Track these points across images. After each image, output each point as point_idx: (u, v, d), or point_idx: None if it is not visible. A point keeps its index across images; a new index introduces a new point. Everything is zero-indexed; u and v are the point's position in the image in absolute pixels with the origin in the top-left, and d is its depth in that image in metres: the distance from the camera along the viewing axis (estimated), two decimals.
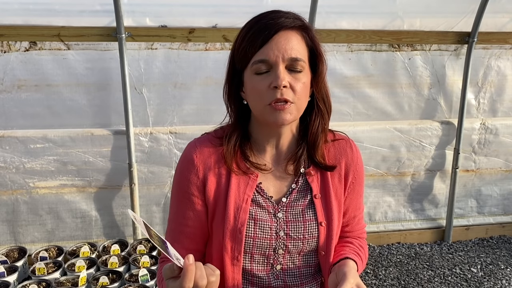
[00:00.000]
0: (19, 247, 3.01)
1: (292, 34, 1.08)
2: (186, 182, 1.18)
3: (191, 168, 1.17)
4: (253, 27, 1.09)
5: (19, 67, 2.86)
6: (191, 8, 2.92)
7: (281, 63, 1.06)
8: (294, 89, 1.07)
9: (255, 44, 1.06)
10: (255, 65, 1.07)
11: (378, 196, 3.48)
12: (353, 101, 3.29)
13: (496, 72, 3.45)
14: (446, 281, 3.10)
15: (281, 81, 1.05)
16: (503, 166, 3.63)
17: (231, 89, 1.17)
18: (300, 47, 1.09)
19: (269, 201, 1.18)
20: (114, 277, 2.75)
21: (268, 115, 1.09)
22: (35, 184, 2.98)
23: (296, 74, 1.08)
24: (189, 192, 1.18)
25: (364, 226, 1.35)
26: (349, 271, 1.06)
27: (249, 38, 1.08)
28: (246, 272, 1.18)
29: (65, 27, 2.77)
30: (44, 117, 2.96)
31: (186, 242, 1.20)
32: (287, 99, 1.06)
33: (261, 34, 1.06)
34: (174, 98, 3.05)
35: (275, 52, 1.05)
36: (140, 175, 3.06)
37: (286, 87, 1.06)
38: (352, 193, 1.26)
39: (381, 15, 3.14)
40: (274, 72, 1.06)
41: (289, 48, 1.06)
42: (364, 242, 1.33)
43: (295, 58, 1.07)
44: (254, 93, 1.10)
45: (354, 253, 1.21)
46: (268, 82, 1.07)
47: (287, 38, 1.07)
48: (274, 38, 1.06)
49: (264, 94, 1.07)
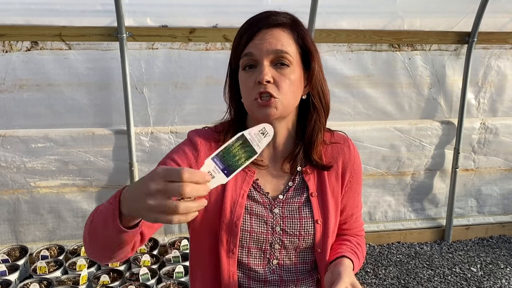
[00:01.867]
0: (20, 246, 3.03)
1: (278, 30, 1.10)
2: (182, 156, 1.17)
3: (192, 150, 1.18)
4: (244, 25, 1.13)
5: (21, 67, 2.87)
6: (192, 8, 2.92)
7: (265, 58, 1.08)
8: (279, 85, 1.09)
9: (242, 40, 1.10)
10: (241, 60, 1.11)
11: (378, 195, 3.49)
12: (353, 101, 3.30)
13: (496, 72, 3.45)
14: (446, 280, 3.11)
15: (263, 75, 1.07)
16: (502, 166, 3.63)
17: (230, 88, 1.20)
18: (286, 42, 1.10)
19: (266, 197, 1.20)
20: (115, 276, 2.76)
21: (255, 111, 1.11)
22: (36, 183, 2.99)
23: (282, 70, 1.09)
24: (178, 163, 1.15)
25: (362, 224, 1.36)
26: (344, 270, 1.07)
27: (239, 35, 1.12)
28: (243, 266, 1.19)
29: (66, 27, 2.78)
30: (45, 117, 2.97)
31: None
32: (271, 93, 1.08)
33: (248, 30, 1.10)
34: (175, 97, 3.06)
35: (258, 46, 1.08)
36: (141, 175, 3.06)
37: (269, 82, 1.08)
38: (350, 191, 1.27)
39: (381, 15, 3.15)
40: (259, 68, 1.09)
41: (274, 42, 1.08)
42: (362, 240, 1.34)
43: (280, 50, 1.08)
44: (243, 89, 1.13)
45: (351, 252, 1.22)
46: (254, 78, 1.09)
47: (272, 34, 1.09)
48: (259, 34, 1.09)
49: (251, 89, 1.10)
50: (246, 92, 1.12)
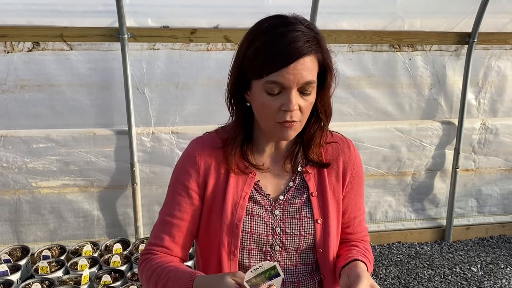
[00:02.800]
0: (22, 246, 3.03)
1: (309, 58, 1.07)
2: (187, 176, 1.20)
3: (192, 164, 1.20)
4: (271, 43, 1.05)
5: (22, 67, 2.87)
6: (193, 8, 2.93)
7: (294, 88, 1.06)
8: (302, 110, 1.10)
9: (273, 66, 1.04)
10: (268, 85, 1.06)
11: (378, 195, 3.49)
12: (354, 101, 3.31)
13: (496, 72, 3.46)
14: (446, 280, 3.11)
15: (293, 106, 1.07)
16: (503, 166, 3.64)
17: (236, 91, 1.15)
18: (313, 68, 1.08)
19: (267, 199, 1.21)
20: (116, 276, 2.76)
21: (275, 131, 1.12)
22: (38, 184, 3.00)
23: (307, 96, 1.10)
24: (188, 186, 1.20)
25: (366, 229, 1.35)
26: (362, 272, 1.07)
27: (268, 56, 1.05)
28: (245, 268, 1.20)
29: (67, 28, 2.79)
30: (46, 117, 2.98)
31: (177, 235, 1.21)
32: (295, 120, 1.10)
33: (280, 58, 1.04)
34: (176, 98, 3.06)
35: (291, 78, 1.05)
36: (142, 175, 3.07)
37: (295, 109, 1.09)
38: (351, 192, 1.27)
39: (382, 15, 3.15)
40: (287, 96, 1.07)
41: (305, 74, 1.06)
42: (368, 245, 1.33)
43: (308, 81, 1.07)
44: (264, 111, 1.11)
45: (362, 255, 1.22)
46: (279, 104, 1.08)
47: (304, 64, 1.05)
48: (292, 65, 1.04)
49: (274, 113, 1.09)
50: (266, 114, 1.10)
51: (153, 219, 3.19)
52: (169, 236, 1.21)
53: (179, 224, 1.21)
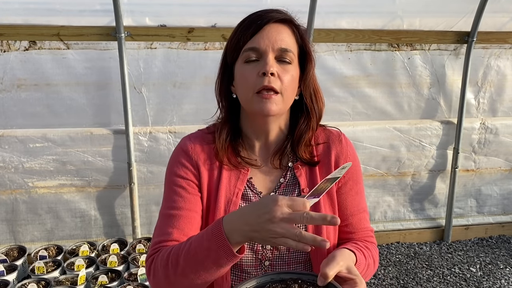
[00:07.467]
0: (18, 246, 3.02)
1: (283, 27, 1.12)
2: (183, 167, 1.19)
3: (186, 157, 1.20)
4: (245, 20, 1.14)
5: (19, 66, 2.86)
6: (190, 7, 2.92)
7: (270, 52, 1.10)
8: (282, 79, 1.10)
9: (247, 33, 1.11)
10: (245, 53, 1.11)
11: (378, 196, 3.48)
12: (353, 101, 3.29)
13: (495, 71, 3.44)
14: (445, 280, 3.10)
15: (269, 67, 1.08)
16: (503, 166, 3.62)
17: (222, 84, 1.20)
18: (290, 40, 1.12)
19: (259, 196, 1.20)
20: (113, 276, 2.75)
21: (255, 104, 1.11)
22: (34, 183, 2.98)
23: (285, 65, 1.12)
24: (186, 177, 1.18)
25: (369, 229, 1.29)
26: (340, 254, 1.02)
27: (241, 29, 1.13)
28: (236, 267, 1.18)
29: (64, 27, 2.78)
30: (43, 117, 2.97)
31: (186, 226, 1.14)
32: (274, 87, 1.09)
33: (252, 24, 1.11)
34: (174, 97, 3.05)
35: (265, 41, 1.09)
36: (140, 175, 3.06)
37: (274, 75, 1.09)
38: (345, 187, 1.24)
39: (381, 14, 3.14)
40: (263, 60, 1.10)
41: (280, 39, 1.10)
42: (371, 245, 1.25)
43: (284, 48, 1.10)
44: (243, 81, 1.13)
45: (356, 249, 1.16)
46: (257, 70, 1.10)
47: (278, 30, 1.11)
48: (265, 28, 1.10)
49: (253, 81, 1.10)
50: (246, 85, 1.11)
51: (151, 219, 3.18)
52: (177, 228, 1.13)
53: (185, 215, 1.15)
